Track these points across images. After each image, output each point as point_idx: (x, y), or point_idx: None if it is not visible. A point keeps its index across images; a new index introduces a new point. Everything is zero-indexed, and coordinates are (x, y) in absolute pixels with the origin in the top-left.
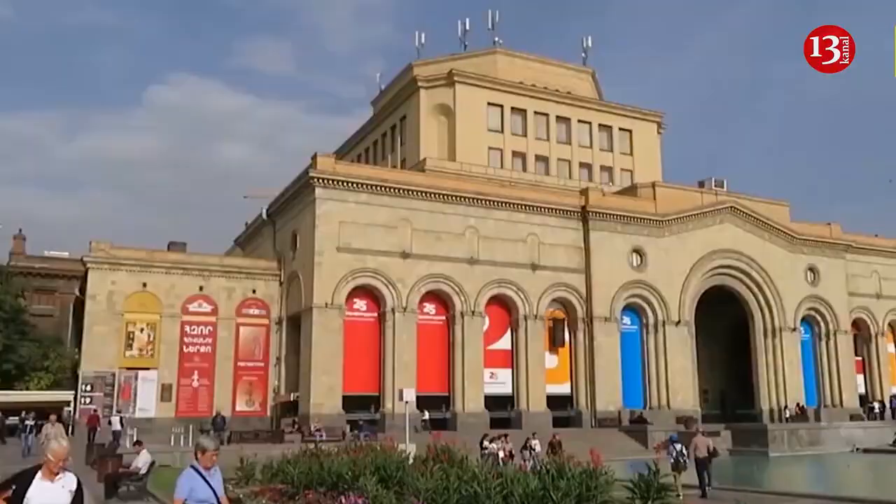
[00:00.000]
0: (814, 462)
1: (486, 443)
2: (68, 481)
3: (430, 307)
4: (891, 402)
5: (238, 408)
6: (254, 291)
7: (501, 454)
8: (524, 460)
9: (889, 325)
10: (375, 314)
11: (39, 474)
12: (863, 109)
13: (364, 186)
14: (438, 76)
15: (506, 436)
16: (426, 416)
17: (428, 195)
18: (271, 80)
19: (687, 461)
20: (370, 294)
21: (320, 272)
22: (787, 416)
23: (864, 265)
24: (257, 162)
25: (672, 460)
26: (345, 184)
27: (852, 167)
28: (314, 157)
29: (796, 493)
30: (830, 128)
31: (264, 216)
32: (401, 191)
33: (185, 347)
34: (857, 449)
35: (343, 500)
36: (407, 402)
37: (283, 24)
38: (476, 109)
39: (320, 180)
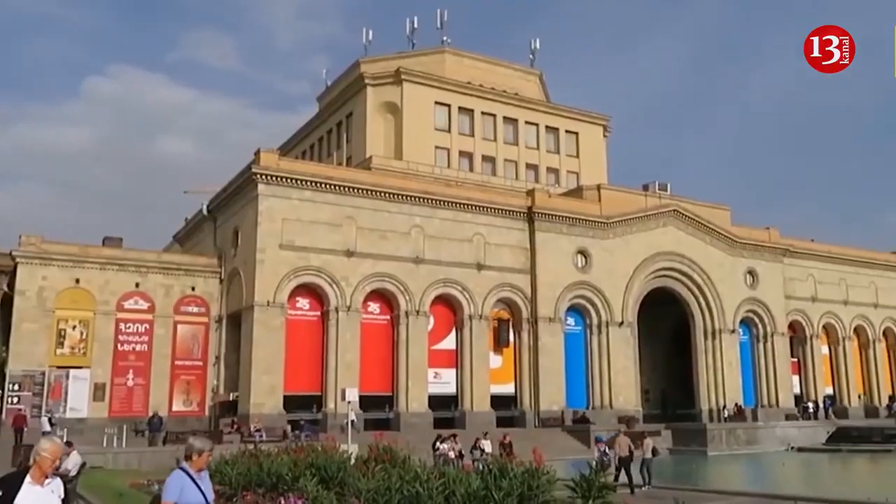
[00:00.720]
0: (750, 461)
1: (438, 443)
2: (56, 486)
3: (374, 306)
4: (824, 402)
5: (175, 407)
6: (193, 289)
7: (452, 454)
8: (473, 460)
9: (823, 327)
10: (318, 313)
11: (28, 478)
12: (804, 117)
13: (308, 183)
14: (386, 74)
15: (455, 436)
16: (352, 416)
17: (373, 193)
18: (215, 75)
19: (611, 460)
20: (313, 292)
21: (262, 270)
22: (726, 415)
23: (801, 269)
24: (199, 157)
25: (597, 459)
26: (288, 180)
27: (791, 174)
28: (257, 153)
29: (732, 491)
30: (771, 134)
31: (205, 212)
32: (346, 188)
33: (119, 345)
34: (792, 448)
35: (282, 502)
36: (349, 402)
37: (227, 19)
38: (423, 108)
39: (263, 176)
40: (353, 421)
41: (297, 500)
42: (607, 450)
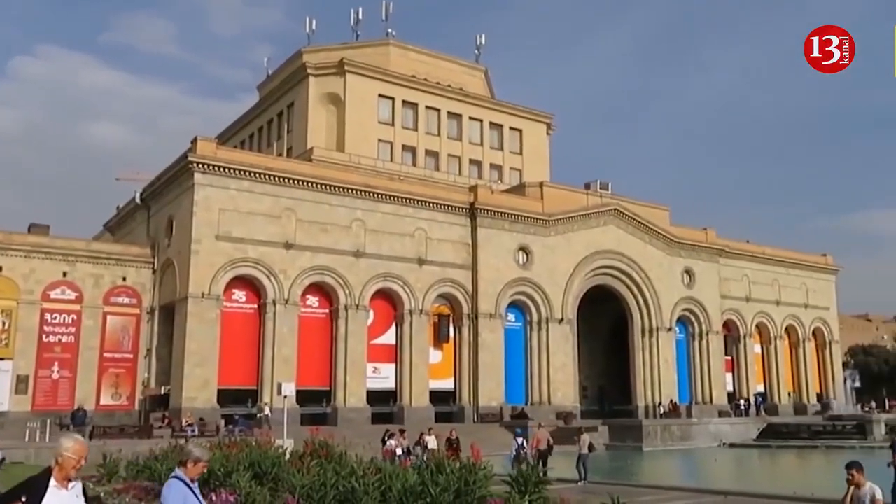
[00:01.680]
0: (684, 456)
1: (386, 439)
2: (78, 488)
3: (313, 300)
4: (755, 399)
5: (103, 401)
6: (124, 279)
7: (399, 451)
8: (415, 456)
9: (756, 326)
10: (255, 306)
11: (53, 481)
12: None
13: (247, 173)
14: (329, 64)
15: (403, 431)
16: (266, 411)
17: (314, 185)
18: (150, 59)
19: (527, 453)
20: (250, 285)
21: (197, 261)
22: (662, 412)
23: (736, 269)
24: (133, 144)
25: (514, 453)
26: (226, 170)
27: (728, 176)
28: (194, 141)
29: (666, 486)
30: (710, 137)
31: (138, 200)
32: (286, 179)
33: (44, 336)
34: (724, 444)
35: (213, 498)
36: (286, 397)
37: (165, 2)
38: (367, 100)
39: (200, 165)
40: (266, 416)
41: (228, 496)
42: (524, 443)
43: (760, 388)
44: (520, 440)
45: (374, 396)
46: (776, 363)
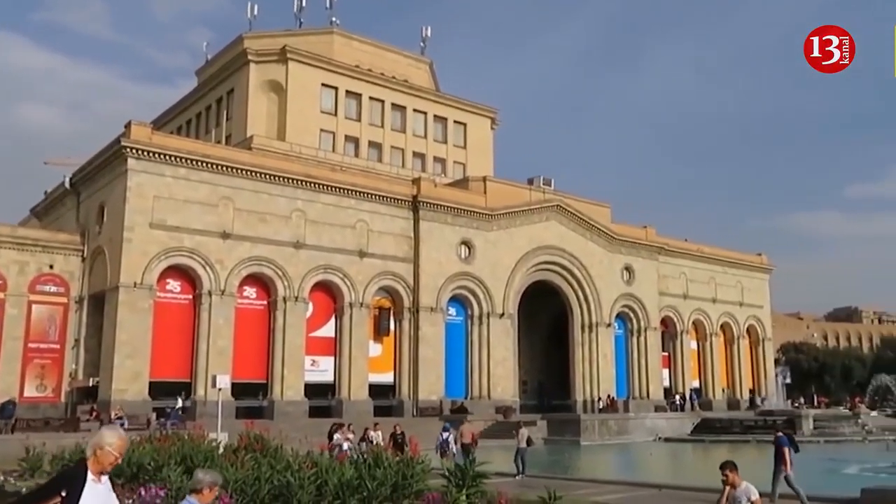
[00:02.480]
0: (621, 450)
1: (335, 434)
2: (108, 482)
3: (250, 291)
4: (691, 394)
5: (27, 393)
6: (51, 267)
7: (346, 444)
8: (351, 449)
9: (693, 323)
10: (190, 296)
11: (90, 474)
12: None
13: (183, 160)
14: (271, 51)
15: (349, 426)
16: (179, 403)
17: (253, 174)
18: (85, 41)
19: (453, 447)
20: (185, 275)
21: (129, 249)
22: (600, 406)
23: (674, 267)
24: (65, 127)
25: (438, 445)
26: (162, 156)
27: (668, 176)
28: (128, 125)
29: (602, 479)
30: (651, 137)
31: (67, 185)
32: (224, 168)
33: None
34: (660, 438)
35: (143, 493)
36: (220, 389)
37: None
38: (309, 89)
39: (134, 150)
40: (181, 408)
41: (158, 490)
42: (450, 437)
43: (696, 384)
44: (446, 434)
45: (312, 389)
46: (711, 359)
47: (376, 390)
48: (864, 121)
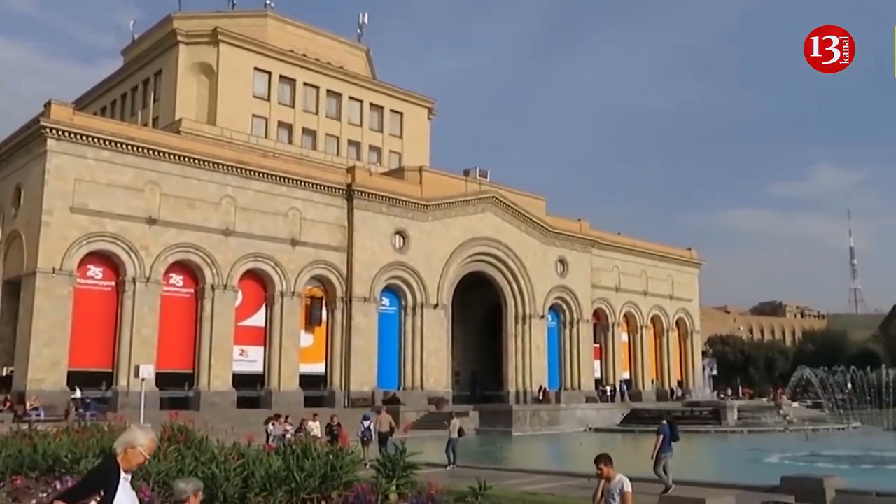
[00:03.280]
0: (552, 440)
1: (269, 426)
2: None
3: (177, 278)
4: (621, 386)
5: None
6: None
7: (289, 436)
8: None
9: (624, 315)
10: (113, 283)
11: (123, 473)
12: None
13: (107, 142)
14: (201, 33)
15: (287, 417)
16: (76, 393)
17: (181, 159)
18: (5, 17)
19: (372, 435)
20: (108, 261)
21: (48, 233)
22: (532, 397)
23: (607, 260)
24: None
25: (360, 435)
26: (84, 137)
27: (603, 170)
28: (48, 105)
29: (532, 469)
30: (587, 131)
31: None
32: (150, 151)
33: None
34: (590, 428)
35: (58, 486)
36: (144, 380)
37: None
38: (242, 73)
39: (53, 131)
40: (81, 399)
41: (74, 482)
42: (371, 426)
43: (626, 375)
44: (367, 423)
45: (241, 380)
46: (641, 351)
47: (307, 381)
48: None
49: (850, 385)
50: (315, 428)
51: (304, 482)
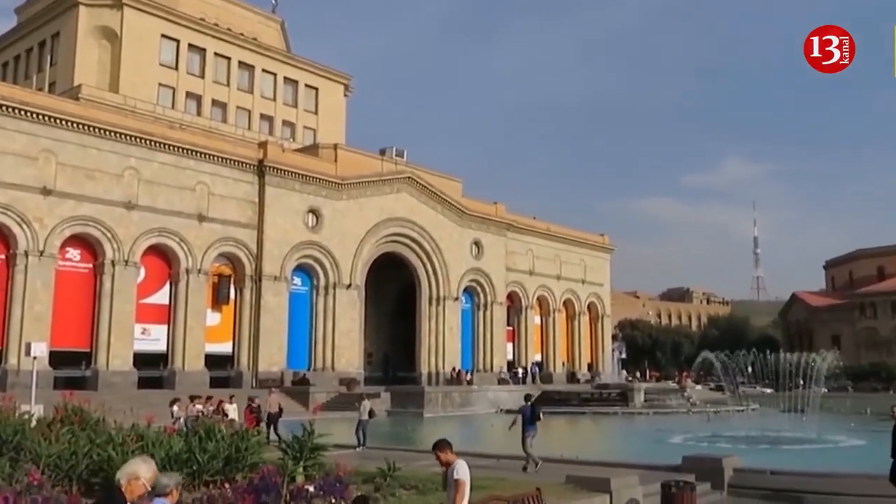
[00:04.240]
0: (463, 422)
1: (190, 406)
2: None
3: (74, 252)
4: (532, 368)
5: None
6: None
7: (201, 417)
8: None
9: (538, 299)
10: (3, 256)
11: None
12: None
13: None
14: None
15: (210, 398)
16: None
17: (80, 127)
18: None
19: (261, 416)
20: None
21: None
22: (445, 379)
23: (522, 244)
24: None
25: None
26: None
27: (519, 155)
28: None
29: None
30: (503, 115)
31: None
32: (46, 118)
33: None
34: (501, 410)
35: None
36: (35, 358)
37: None
38: (148, 40)
39: None
40: None
41: None
42: (262, 406)
43: (538, 358)
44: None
45: (143, 359)
46: (553, 334)
47: (213, 361)
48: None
49: (750, 369)
50: (232, 410)
51: (206, 464)
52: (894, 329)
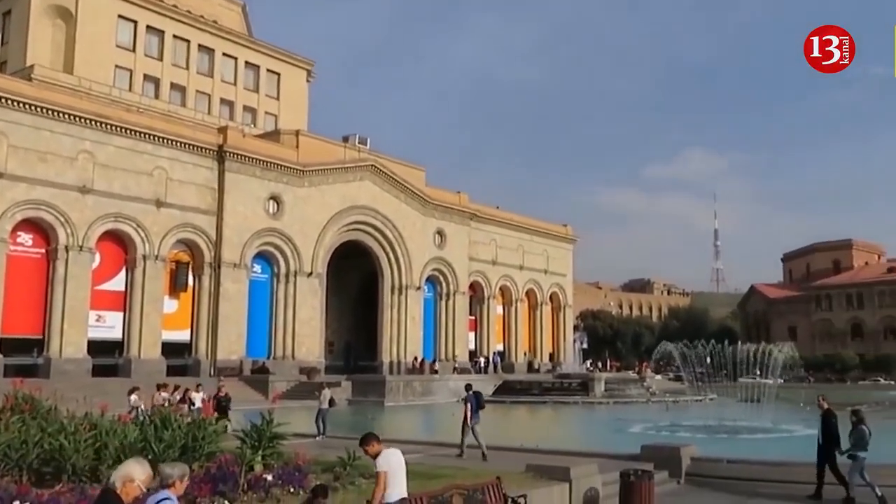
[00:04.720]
0: (424, 411)
1: (155, 394)
2: None
3: (26, 237)
4: (494, 357)
5: None
6: None
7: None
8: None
9: (500, 288)
10: None
11: None
12: (497, 92)
13: None
14: None
15: (176, 387)
16: None
17: (33, 108)
18: None
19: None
20: None
21: None
22: (406, 368)
23: (485, 233)
24: None
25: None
26: None
27: (483, 144)
28: None
29: (402, 440)
30: (467, 104)
31: None
32: None
33: None
34: (462, 399)
35: None
36: None
37: None
38: (104, 20)
39: None
40: None
41: None
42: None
43: (500, 347)
44: (201, 394)
45: (97, 347)
46: (516, 324)
47: (170, 348)
48: (664, 107)
49: (709, 359)
50: (198, 399)
51: (162, 454)
52: (848, 321)
